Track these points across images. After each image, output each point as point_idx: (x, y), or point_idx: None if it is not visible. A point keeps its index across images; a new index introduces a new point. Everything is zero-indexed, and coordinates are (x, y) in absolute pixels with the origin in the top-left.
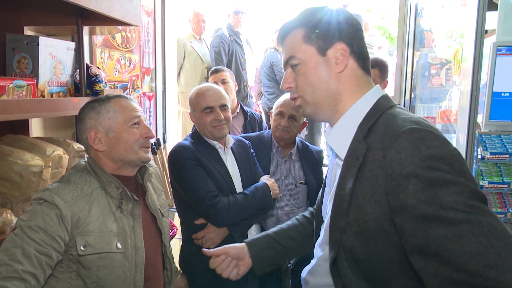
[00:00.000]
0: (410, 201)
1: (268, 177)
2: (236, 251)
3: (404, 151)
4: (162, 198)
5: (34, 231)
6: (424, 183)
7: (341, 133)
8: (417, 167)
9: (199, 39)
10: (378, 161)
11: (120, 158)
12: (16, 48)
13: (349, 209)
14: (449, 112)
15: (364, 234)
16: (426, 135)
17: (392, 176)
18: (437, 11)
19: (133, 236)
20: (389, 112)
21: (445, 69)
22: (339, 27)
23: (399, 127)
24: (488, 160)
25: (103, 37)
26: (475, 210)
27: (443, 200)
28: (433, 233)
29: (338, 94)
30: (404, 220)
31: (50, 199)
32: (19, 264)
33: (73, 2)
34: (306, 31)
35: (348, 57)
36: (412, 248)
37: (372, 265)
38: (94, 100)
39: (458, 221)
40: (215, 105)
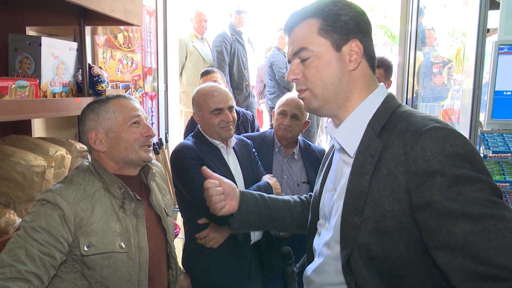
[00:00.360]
0: (436, 198)
1: (270, 176)
2: (229, 189)
3: (429, 149)
4: (167, 198)
5: (37, 232)
6: (450, 180)
7: (350, 130)
8: (443, 165)
9: (201, 38)
10: (398, 159)
11: (121, 157)
12: (19, 49)
13: (364, 206)
14: (451, 110)
15: (382, 231)
16: (450, 134)
17: (417, 173)
18: (439, 9)
19: (137, 235)
20: (400, 110)
21: (447, 68)
22: (356, 23)
23: (421, 125)
24: (490, 158)
25: (105, 37)
26: (497, 205)
27: (468, 197)
28: (459, 229)
29: (348, 92)
30: (429, 216)
31: (53, 200)
32: (22, 265)
33: (75, 2)
34: (322, 23)
35: (361, 56)
36: (436, 244)
37: (389, 262)
38: (94, 102)
39: (484, 217)
40: (224, 107)
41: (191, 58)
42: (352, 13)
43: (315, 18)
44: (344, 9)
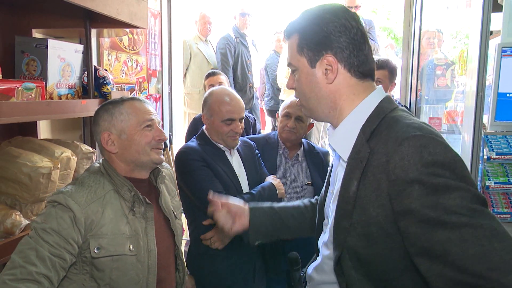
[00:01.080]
0: (414, 206)
1: (274, 177)
2: (237, 209)
3: (407, 158)
4: (176, 200)
5: (48, 233)
6: (427, 189)
7: (343, 135)
8: (421, 174)
9: (205, 40)
10: (382, 166)
11: (133, 160)
12: (25, 51)
13: (353, 211)
14: (455, 113)
15: (368, 236)
16: (429, 142)
17: (396, 181)
18: (442, 11)
19: (146, 238)
20: (391, 115)
21: (450, 70)
22: (328, 38)
23: (403, 133)
24: (494, 160)
25: (110, 39)
26: (476, 213)
27: (446, 205)
28: (437, 237)
29: (331, 103)
30: (408, 224)
31: (64, 202)
32: (33, 266)
33: (82, 5)
34: (299, 41)
35: (337, 69)
36: (417, 250)
37: (376, 266)
38: (108, 102)
39: (461, 225)
40: (237, 118)
41: (195, 60)
42: (330, 26)
43: (296, 34)
44: (321, 23)
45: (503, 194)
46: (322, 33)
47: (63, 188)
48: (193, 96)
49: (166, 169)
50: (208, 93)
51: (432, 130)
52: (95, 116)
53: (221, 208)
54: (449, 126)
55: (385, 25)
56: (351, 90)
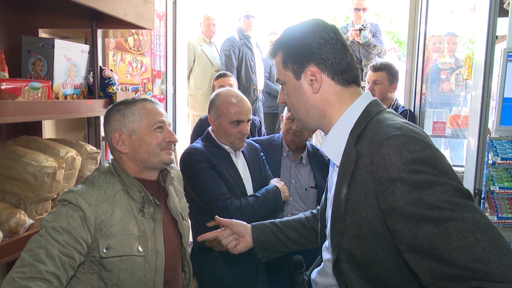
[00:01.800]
0: (398, 204)
1: (278, 180)
2: (239, 228)
3: (388, 157)
4: (183, 201)
5: (58, 232)
6: (409, 186)
7: (334, 141)
8: (401, 172)
9: (209, 42)
10: (368, 167)
11: (143, 160)
12: (32, 50)
13: (345, 213)
14: (459, 117)
15: (360, 237)
16: (408, 140)
17: (379, 181)
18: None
19: (154, 239)
20: (376, 118)
21: (454, 74)
22: (310, 50)
23: (384, 134)
24: (499, 165)
25: (115, 40)
26: (459, 207)
27: (428, 201)
28: (423, 232)
29: (320, 111)
30: (395, 221)
31: (75, 201)
32: (43, 264)
33: (89, 6)
34: (283, 56)
35: (321, 78)
36: (405, 247)
37: (370, 266)
38: (120, 102)
39: (444, 219)
40: (245, 119)
41: (199, 61)
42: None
43: (280, 51)
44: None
45: (507, 199)
46: (304, 46)
47: (73, 187)
48: (197, 97)
49: (174, 170)
50: (215, 95)
51: (413, 129)
52: (106, 115)
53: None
54: (454, 131)
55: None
56: (337, 97)
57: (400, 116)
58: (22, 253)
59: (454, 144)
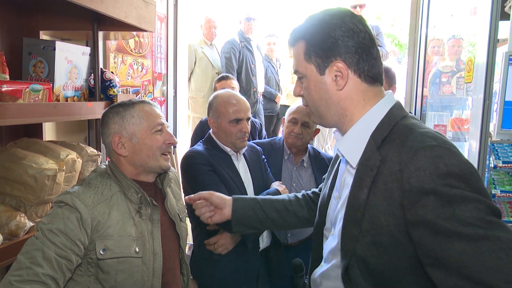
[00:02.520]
0: (429, 217)
1: (279, 183)
2: (218, 201)
3: (423, 168)
4: (181, 203)
5: (55, 234)
6: (443, 200)
7: (353, 141)
8: (436, 185)
9: (210, 45)
10: (395, 175)
11: (142, 164)
12: (33, 52)
13: (362, 219)
14: (460, 120)
15: (378, 245)
16: (444, 153)
17: (410, 192)
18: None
19: (151, 241)
20: (403, 123)
21: (456, 77)
22: (336, 43)
23: (418, 143)
24: (500, 169)
25: (116, 42)
26: (493, 226)
27: (462, 217)
28: (453, 249)
29: (342, 109)
30: (423, 235)
31: (71, 202)
32: (39, 267)
33: (91, 8)
34: (306, 47)
35: (348, 75)
36: (431, 261)
37: (385, 275)
38: (118, 105)
39: (478, 237)
40: (244, 117)
41: (200, 64)
42: (337, 31)
43: (302, 41)
44: (328, 28)
45: (509, 202)
46: (330, 39)
47: (70, 189)
48: (198, 100)
49: (172, 173)
50: (213, 96)
51: (446, 140)
52: (104, 118)
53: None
54: (454, 134)
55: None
56: (361, 96)
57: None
58: (19, 255)
59: None
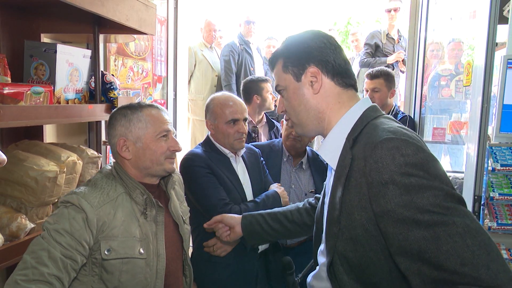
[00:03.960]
0: (390, 207)
1: (278, 185)
2: (229, 221)
3: (381, 160)
4: (184, 205)
5: (61, 234)
6: (401, 189)
7: (331, 145)
8: (394, 175)
9: (210, 47)
10: (362, 170)
11: (145, 167)
12: (34, 55)
13: (340, 216)
14: (459, 123)
15: (354, 240)
16: (401, 144)
17: (372, 184)
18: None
19: (155, 242)
20: (373, 122)
21: (454, 80)
22: (310, 52)
23: (377, 137)
24: (498, 172)
25: (117, 45)
26: (450, 211)
27: (419, 204)
28: (413, 236)
29: (319, 113)
30: (386, 224)
31: (77, 202)
32: (45, 267)
33: (92, 11)
34: (283, 62)
35: (322, 79)
36: (396, 250)
37: (364, 269)
38: (126, 107)
39: (435, 223)
40: (240, 118)
41: (199, 66)
42: (310, 43)
43: (280, 59)
44: (299, 41)
45: (507, 205)
46: (304, 49)
47: (76, 189)
48: (197, 102)
49: (176, 175)
50: (210, 99)
51: (407, 133)
52: (111, 119)
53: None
54: (453, 137)
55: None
56: (336, 99)
57: (397, 121)
58: (25, 255)
59: (454, 150)
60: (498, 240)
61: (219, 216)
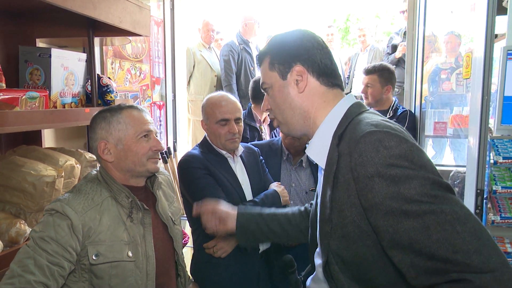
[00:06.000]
0: (377, 200)
1: (277, 184)
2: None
3: (365, 154)
4: (175, 206)
5: (46, 242)
6: (387, 181)
7: (318, 144)
8: (378, 167)
9: (208, 48)
10: (348, 166)
11: (128, 169)
12: (29, 60)
13: (331, 214)
14: (460, 117)
15: (346, 237)
16: (383, 136)
17: (359, 178)
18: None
19: (144, 244)
20: (357, 118)
21: (455, 73)
22: (295, 51)
23: (360, 132)
24: (500, 164)
25: (113, 47)
26: (437, 199)
27: (406, 195)
28: (403, 227)
29: (304, 112)
30: (376, 218)
31: (61, 209)
32: (31, 275)
33: (84, 14)
34: (270, 59)
35: (307, 78)
36: (388, 244)
37: (358, 266)
38: (106, 110)
39: (423, 213)
40: (230, 118)
41: (198, 67)
42: (297, 42)
43: (267, 56)
44: (286, 40)
45: (510, 198)
46: (291, 48)
47: (60, 196)
48: (197, 103)
49: (163, 175)
50: (205, 99)
51: (389, 125)
52: (92, 122)
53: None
54: (455, 131)
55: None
56: (322, 98)
57: (381, 115)
58: (11, 264)
59: (456, 144)
60: (501, 234)
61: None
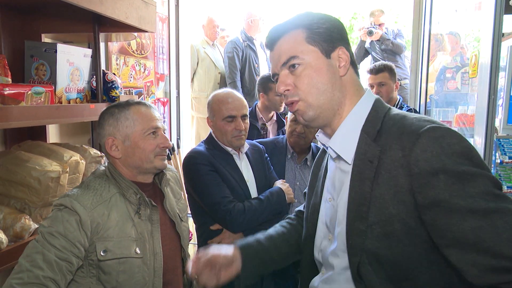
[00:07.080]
0: (442, 197)
1: (282, 182)
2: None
3: (429, 149)
4: (182, 202)
5: (55, 237)
6: (453, 178)
7: (345, 137)
8: (445, 164)
9: (212, 45)
10: (397, 161)
11: (136, 166)
12: (35, 55)
13: (368, 212)
14: (465, 116)
15: (389, 235)
16: (445, 133)
17: (420, 174)
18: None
19: (151, 241)
20: (392, 114)
21: (460, 72)
22: (339, 33)
23: (417, 127)
24: (506, 164)
25: (118, 43)
26: (500, 198)
27: (473, 193)
28: (469, 225)
29: (341, 98)
30: (437, 215)
31: (70, 205)
32: (40, 270)
33: (91, 10)
34: (308, 32)
35: (348, 63)
36: (447, 242)
37: (399, 265)
38: (114, 106)
39: (490, 211)
40: (237, 115)
41: (202, 64)
42: (332, 23)
43: (299, 29)
44: (324, 19)
45: None
46: (333, 29)
47: (69, 192)
48: (201, 100)
49: (170, 172)
50: (211, 96)
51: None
52: (100, 118)
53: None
54: (460, 130)
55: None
56: (356, 86)
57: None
58: (20, 259)
59: None
60: None
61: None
